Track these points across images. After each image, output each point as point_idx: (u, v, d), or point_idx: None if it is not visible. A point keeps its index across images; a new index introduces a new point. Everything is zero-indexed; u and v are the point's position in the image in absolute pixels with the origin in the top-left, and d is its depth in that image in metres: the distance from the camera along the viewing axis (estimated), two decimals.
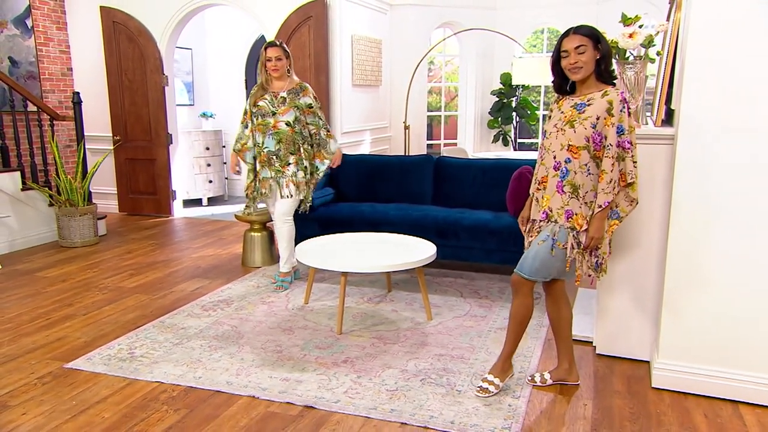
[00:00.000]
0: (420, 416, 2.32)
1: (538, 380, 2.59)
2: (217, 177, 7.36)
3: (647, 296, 2.75)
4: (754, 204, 2.32)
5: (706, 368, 2.48)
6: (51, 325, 3.31)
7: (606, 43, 2.31)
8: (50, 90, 6.20)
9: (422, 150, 7.34)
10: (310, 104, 3.84)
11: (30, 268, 4.46)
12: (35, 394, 2.54)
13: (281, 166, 3.84)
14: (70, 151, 6.34)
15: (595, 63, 2.29)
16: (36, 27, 6.00)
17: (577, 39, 2.27)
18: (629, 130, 2.26)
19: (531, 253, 2.39)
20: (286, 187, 3.85)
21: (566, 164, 2.32)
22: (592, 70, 2.30)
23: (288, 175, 3.84)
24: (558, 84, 2.43)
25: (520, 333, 2.49)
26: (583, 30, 2.30)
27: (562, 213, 2.35)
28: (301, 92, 3.83)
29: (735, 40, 2.26)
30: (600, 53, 2.29)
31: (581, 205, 2.34)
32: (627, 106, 2.27)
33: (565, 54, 2.30)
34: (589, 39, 2.27)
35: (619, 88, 2.33)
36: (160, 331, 3.20)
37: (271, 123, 3.78)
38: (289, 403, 2.44)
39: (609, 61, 2.33)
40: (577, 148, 2.30)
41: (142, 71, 6.16)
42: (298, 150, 3.84)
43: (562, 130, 2.34)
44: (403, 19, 6.98)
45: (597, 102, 2.29)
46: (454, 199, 4.45)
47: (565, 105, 2.39)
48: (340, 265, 3.18)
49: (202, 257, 4.75)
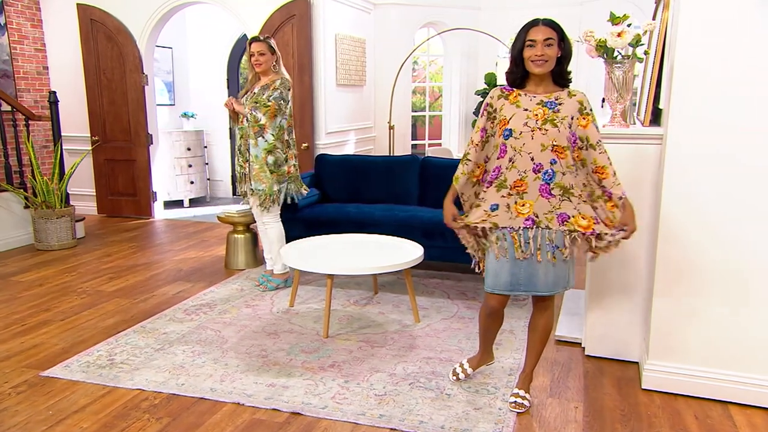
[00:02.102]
0: (409, 421, 2.28)
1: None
2: (199, 178, 7.24)
3: (635, 297, 2.74)
4: (744, 204, 2.32)
5: (695, 369, 2.47)
6: (27, 332, 3.20)
7: (569, 43, 2.20)
8: (25, 89, 6.03)
9: (407, 150, 7.31)
10: (275, 96, 3.66)
11: (5, 272, 4.32)
12: (9, 404, 2.44)
13: (242, 162, 3.77)
14: (47, 151, 6.17)
15: (555, 61, 2.19)
16: (9, 24, 5.83)
17: (547, 31, 2.15)
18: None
19: (537, 270, 2.21)
20: (245, 184, 3.80)
21: (552, 165, 2.17)
22: (553, 67, 2.19)
23: (245, 172, 3.78)
24: (516, 75, 2.25)
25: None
26: (553, 23, 2.18)
27: (553, 218, 2.18)
28: (268, 89, 3.70)
29: (724, 40, 2.25)
30: (562, 52, 2.18)
31: (578, 204, 2.20)
32: None
33: (531, 44, 2.16)
34: (556, 34, 2.16)
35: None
36: (141, 337, 3.11)
37: (240, 118, 3.73)
38: (276, 409, 2.37)
39: (568, 63, 2.22)
40: (563, 149, 2.18)
41: (121, 70, 6.03)
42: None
43: (542, 129, 2.17)
44: (387, 18, 6.93)
45: (567, 102, 2.19)
46: (440, 200, 4.38)
47: (523, 101, 2.23)
48: (326, 268, 3.13)
49: (183, 260, 4.65)
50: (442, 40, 7.66)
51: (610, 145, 2.62)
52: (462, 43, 7.46)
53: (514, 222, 2.21)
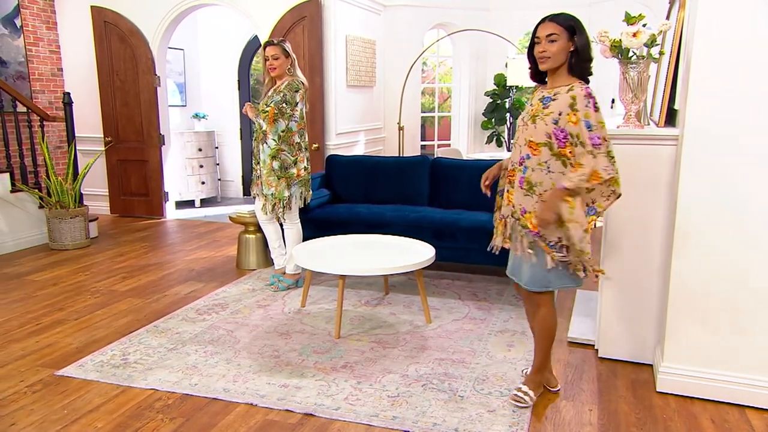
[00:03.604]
0: (423, 423, 2.27)
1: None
2: (210, 178, 7.28)
3: (649, 299, 2.72)
4: (762, 205, 2.29)
5: (711, 372, 2.44)
6: (41, 331, 3.23)
7: (584, 36, 2.15)
8: (40, 90, 6.09)
9: (416, 151, 7.30)
10: (277, 100, 3.67)
11: (19, 271, 4.37)
12: (25, 403, 2.46)
13: (255, 164, 3.81)
14: (61, 152, 6.23)
15: (569, 55, 2.16)
16: (25, 26, 5.89)
17: (550, 27, 2.14)
18: (598, 125, 2.10)
19: (521, 262, 2.36)
20: (256, 187, 3.82)
21: (526, 161, 2.23)
22: (563, 62, 2.16)
23: (258, 175, 3.81)
24: (533, 71, 2.30)
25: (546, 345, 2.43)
26: (560, 18, 2.15)
27: (519, 209, 2.28)
28: (277, 92, 3.72)
29: (742, 39, 2.23)
30: (574, 45, 2.14)
31: (535, 203, 2.21)
32: (594, 102, 2.11)
33: (537, 41, 2.18)
34: (563, 29, 2.13)
35: (584, 84, 2.18)
36: (154, 336, 3.13)
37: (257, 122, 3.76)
38: (289, 410, 2.38)
39: (584, 56, 2.16)
40: (537, 145, 2.18)
41: (133, 72, 6.07)
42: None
43: (526, 125, 2.25)
44: (397, 19, 6.93)
45: (561, 97, 2.15)
46: (450, 200, 4.40)
47: (534, 96, 2.30)
48: (338, 268, 3.13)
49: (195, 260, 4.67)
50: (452, 41, 7.65)
51: (625, 147, 2.61)
52: (471, 44, 7.45)
53: (507, 209, 2.37)
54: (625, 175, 2.65)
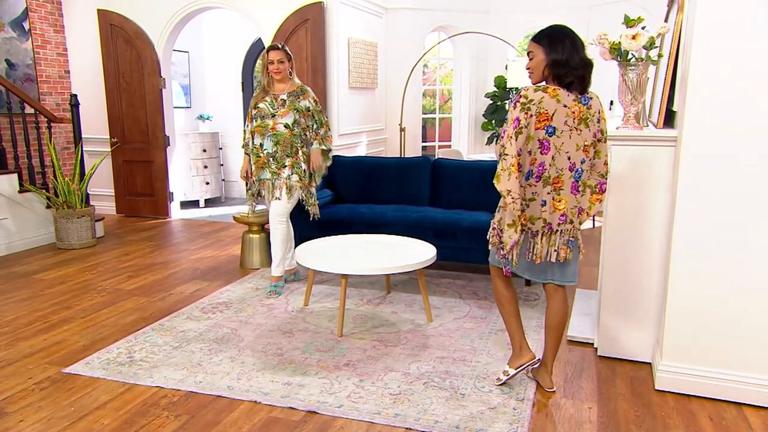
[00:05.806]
0: (425, 421, 2.31)
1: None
2: (214, 179, 7.34)
3: (648, 298, 2.75)
4: (760, 206, 2.32)
5: (710, 370, 2.47)
6: (49, 329, 3.28)
7: (558, 50, 2.21)
8: (48, 92, 6.16)
9: (417, 152, 7.34)
10: (308, 107, 3.82)
11: (27, 270, 4.42)
12: (33, 400, 2.51)
13: (277, 168, 3.80)
14: (68, 153, 6.30)
15: (545, 66, 2.26)
16: (33, 29, 5.96)
17: (529, 45, 2.33)
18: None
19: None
20: (278, 189, 3.81)
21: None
22: (541, 76, 2.29)
23: (282, 178, 3.80)
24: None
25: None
26: (536, 35, 2.30)
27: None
28: (301, 95, 3.81)
29: (740, 42, 2.26)
30: (548, 57, 2.24)
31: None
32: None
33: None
34: (536, 44, 2.28)
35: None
36: (159, 335, 3.17)
37: (269, 125, 3.76)
38: (292, 408, 2.42)
39: (556, 68, 2.22)
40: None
41: (139, 74, 6.14)
42: (296, 153, 3.81)
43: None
44: (399, 22, 6.98)
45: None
46: (451, 201, 4.44)
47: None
48: (340, 268, 3.17)
49: (200, 259, 4.72)
50: (452, 44, 7.70)
51: (624, 148, 2.65)
52: (471, 46, 7.49)
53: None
54: (625, 175, 2.69)
